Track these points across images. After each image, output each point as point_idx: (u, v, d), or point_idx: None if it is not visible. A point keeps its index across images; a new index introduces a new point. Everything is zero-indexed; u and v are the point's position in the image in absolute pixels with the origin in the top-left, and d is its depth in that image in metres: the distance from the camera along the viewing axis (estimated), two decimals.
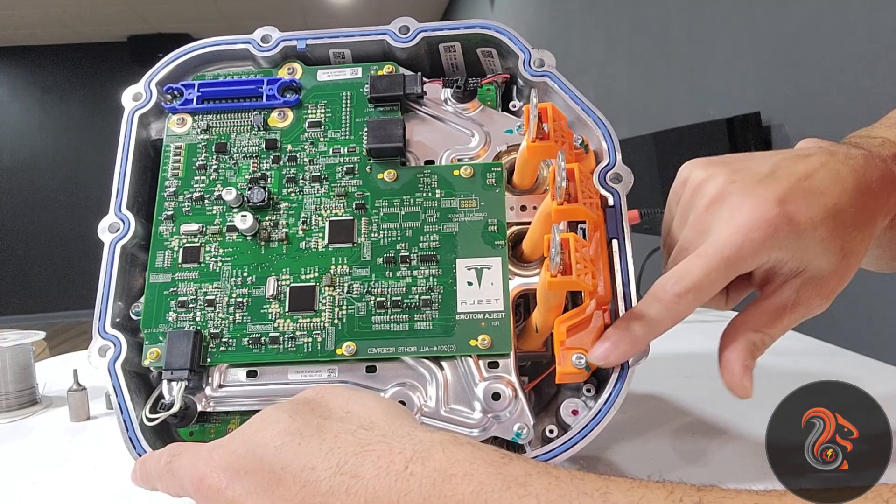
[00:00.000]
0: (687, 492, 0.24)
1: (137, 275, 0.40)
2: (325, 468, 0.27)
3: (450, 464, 0.27)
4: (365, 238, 0.38)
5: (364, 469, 0.27)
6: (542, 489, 0.25)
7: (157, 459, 0.33)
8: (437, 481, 0.26)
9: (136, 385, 0.37)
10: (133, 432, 0.35)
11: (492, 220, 0.38)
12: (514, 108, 0.43)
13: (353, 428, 0.30)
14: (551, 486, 0.25)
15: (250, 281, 0.38)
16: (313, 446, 0.28)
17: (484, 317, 0.37)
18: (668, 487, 0.25)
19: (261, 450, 0.29)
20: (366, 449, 0.28)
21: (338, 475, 0.27)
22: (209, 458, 0.31)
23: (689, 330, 0.54)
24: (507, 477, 0.26)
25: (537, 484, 0.25)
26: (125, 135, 0.41)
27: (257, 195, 0.39)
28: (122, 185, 0.40)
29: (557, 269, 0.31)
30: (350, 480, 0.27)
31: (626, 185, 0.38)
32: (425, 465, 0.27)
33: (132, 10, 4.47)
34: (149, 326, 0.38)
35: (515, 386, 0.36)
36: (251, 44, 0.42)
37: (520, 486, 0.25)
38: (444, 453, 0.27)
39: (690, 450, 0.40)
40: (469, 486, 0.25)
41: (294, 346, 0.37)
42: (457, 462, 0.27)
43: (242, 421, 0.37)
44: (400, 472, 0.27)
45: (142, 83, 0.42)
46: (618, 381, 0.35)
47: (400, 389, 0.36)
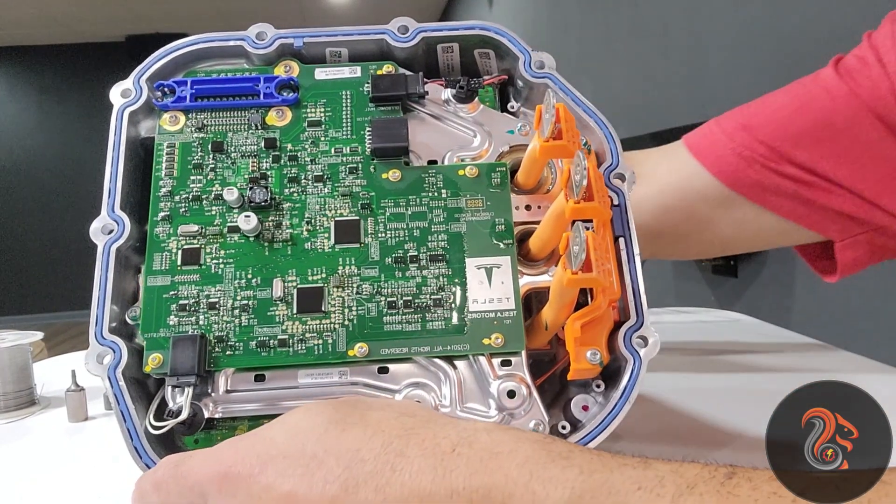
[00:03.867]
0: (717, 466, 0.25)
1: (130, 278, 0.39)
2: (370, 449, 0.27)
3: (495, 444, 0.27)
4: (372, 238, 0.38)
5: (409, 449, 0.27)
6: (584, 461, 0.26)
7: (153, 473, 0.32)
8: (484, 458, 0.27)
9: (136, 392, 0.36)
10: (138, 441, 0.34)
11: (499, 220, 0.39)
12: (513, 109, 0.43)
13: (396, 415, 0.30)
14: (593, 459, 0.26)
15: (255, 283, 0.37)
16: (357, 432, 0.28)
17: (496, 315, 0.37)
18: (700, 463, 0.26)
19: (302, 436, 0.29)
20: (410, 433, 0.28)
21: (382, 454, 0.27)
22: (234, 449, 0.30)
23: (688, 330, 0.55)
24: (552, 452, 0.27)
25: (580, 457, 0.26)
26: (115, 132, 0.39)
27: (260, 195, 0.38)
28: (115, 184, 0.38)
29: (580, 265, 0.32)
30: (395, 458, 0.27)
31: (629, 185, 0.39)
32: (472, 446, 0.27)
33: (130, 10, 4.45)
34: (149, 331, 0.36)
35: (529, 383, 0.36)
36: (246, 41, 0.41)
37: (563, 459, 0.26)
38: (489, 436, 0.28)
39: (689, 450, 0.41)
40: (515, 459, 0.26)
41: (304, 349, 0.36)
42: (502, 442, 0.27)
43: (251, 426, 0.36)
44: (447, 452, 0.27)
45: (131, 79, 0.41)
46: (632, 374, 0.35)
47: (415, 390, 0.36)
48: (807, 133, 0.54)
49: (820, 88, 0.55)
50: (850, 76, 0.53)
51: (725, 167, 0.57)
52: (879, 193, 0.52)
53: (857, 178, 0.53)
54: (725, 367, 0.55)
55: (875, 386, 0.29)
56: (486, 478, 0.26)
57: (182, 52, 0.41)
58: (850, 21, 1.10)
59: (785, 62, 1.33)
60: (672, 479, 0.24)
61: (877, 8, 0.54)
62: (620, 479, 0.25)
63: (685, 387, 0.51)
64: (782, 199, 0.55)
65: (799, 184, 0.54)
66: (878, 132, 0.52)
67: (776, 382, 0.35)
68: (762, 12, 1.39)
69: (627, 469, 0.25)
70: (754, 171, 0.55)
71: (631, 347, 0.36)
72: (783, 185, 0.55)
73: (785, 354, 0.47)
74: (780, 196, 0.55)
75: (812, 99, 0.55)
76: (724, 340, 0.63)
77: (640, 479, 0.24)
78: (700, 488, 0.24)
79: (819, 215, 0.55)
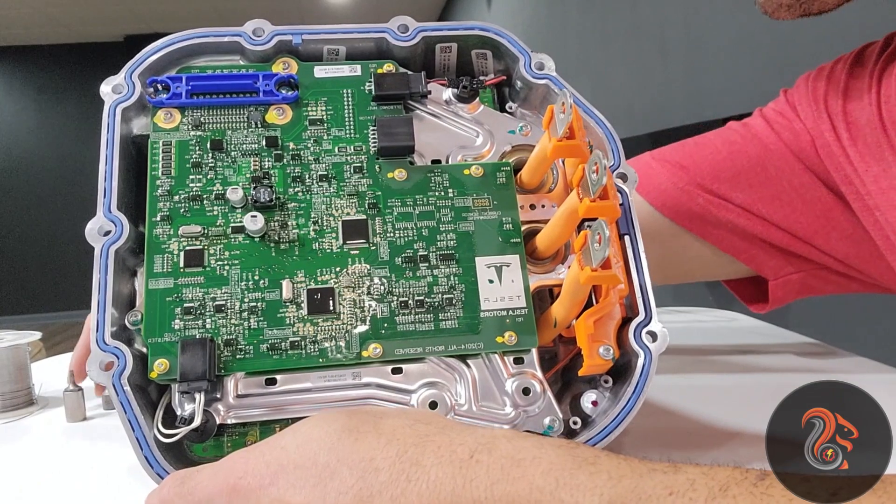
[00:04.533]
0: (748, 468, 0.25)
1: (126, 281, 0.37)
2: (384, 458, 0.26)
3: (517, 451, 0.26)
4: (381, 238, 0.38)
5: (425, 458, 0.26)
6: (612, 466, 0.25)
7: (159, 491, 0.31)
8: (506, 466, 0.26)
9: (140, 399, 0.34)
10: (149, 450, 0.33)
11: (506, 219, 0.39)
12: (511, 109, 0.44)
13: (411, 423, 0.29)
14: (621, 464, 0.25)
15: (263, 284, 0.36)
16: (371, 441, 0.27)
17: (508, 314, 0.37)
18: (729, 466, 0.26)
19: (314, 445, 0.28)
20: (425, 440, 0.27)
21: (397, 463, 0.26)
22: (244, 461, 0.29)
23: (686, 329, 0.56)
24: (578, 458, 0.26)
25: (606, 462, 0.26)
26: (108, 130, 0.38)
27: (264, 195, 0.37)
28: (110, 183, 0.37)
29: (600, 263, 0.32)
30: (411, 468, 0.26)
31: (632, 184, 0.40)
32: (492, 453, 0.26)
33: (129, 10, 4.40)
34: (152, 336, 0.35)
35: (542, 379, 0.37)
36: (242, 36, 0.40)
37: (590, 465, 0.25)
38: (509, 443, 0.27)
39: (688, 450, 0.41)
40: (539, 467, 0.25)
41: (317, 350, 0.35)
42: (524, 449, 0.26)
43: (263, 431, 0.35)
44: (464, 460, 0.26)
45: (122, 74, 0.39)
46: (643, 369, 0.36)
47: (429, 390, 0.36)
48: (742, 176, 0.57)
49: (752, 135, 0.58)
50: (776, 126, 0.56)
51: (668, 200, 0.59)
52: (813, 234, 0.56)
53: (790, 220, 0.56)
54: (723, 366, 0.56)
55: (875, 386, 0.29)
56: (508, 487, 0.25)
57: (176, 46, 0.40)
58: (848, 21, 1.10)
59: (782, 63, 1.34)
60: (703, 482, 0.24)
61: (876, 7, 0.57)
62: (651, 483, 0.24)
63: (684, 387, 0.52)
64: (723, 231, 0.58)
65: (738, 219, 0.57)
66: (808, 177, 0.56)
67: (775, 382, 0.35)
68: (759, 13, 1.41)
69: (657, 474, 0.24)
70: (696, 204, 0.58)
71: (641, 342, 0.36)
72: (723, 218, 0.57)
73: (783, 354, 0.48)
74: (720, 229, 0.58)
75: (746, 145, 0.58)
76: (722, 340, 0.64)
77: (671, 483, 0.24)
78: (733, 490, 0.23)
79: (757, 249, 0.58)
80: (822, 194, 0.55)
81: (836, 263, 0.56)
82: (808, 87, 0.56)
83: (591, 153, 0.42)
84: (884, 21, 0.76)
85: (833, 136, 0.53)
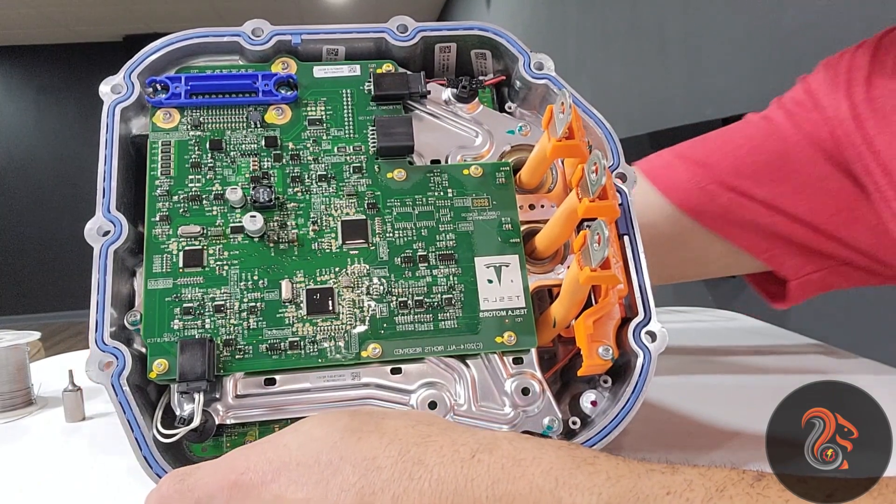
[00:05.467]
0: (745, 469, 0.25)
1: (125, 281, 0.37)
2: (387, 456, 0.27)
3: (518, 451, 0.27)
4: (380, 238, 0.38)
5: (428, 457, 0.27)
6: (610, 467, 0.26)
7: (158, 490, 0.30)
8: (507, 465, 0.26)
9: (139, 399, 0.34)
10: (148, 451, 0.33)
11: (505, 219, 0.39)
12: (510, 109, 0.44)
13: (413, 423, 0.29)
14: (619, 465, 0.26)
15: (262, 284, 0.36)
16: (373, 440, 0.28)
17: (507, 314, 0.37)
18: (727, 467, 0.26)
19: (317, 443, 0.28)
20: (427, 440, 0.28)
21: (399, 462, 0.26)
22: (245, 457, 0.29)
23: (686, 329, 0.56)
24: (577, 458, 0.26)
25: (605, 463, 0.26)
26: (108, 129, 0.38)
27: (264, 195, 0.37)
28: (109, 183, 0.37)
29: (599, 263, 0.32)
30: (413, 467, 0.26)
31: (631, 184, 0.40)
32: (493, 453, 0.27)
33: (128, 10, 4.41)
34: (151, 336, 0.35)
35: (541, 380, 0.37)
36: (241, 36, 0.40)
37: (589, 465, 0.26)
38: (510, 444, 0.27)
39: (687, 450, 0.41)
40: (539, 467, 0.26)
41: (316, 350, 0.35)
42: (525, 449, 0.27)
43: (262, 431, 0.35)
44: (466, 459, 0.26)
45: (121, 74, 0.39)
46: (643, 368, 0.36)
47: (429, 390, 0.36)
48: (764, 171, 0.56)
49: (772, 129, 0.57)
50: (795, 118, 0.56)
51: (690, 199, 0.58)
52: (837, 227, 0.55)
53: (814, 213, 0.55)
54: (723, 366, 0.56)
55: (875, 386, 0.29)
56: (509, 486, 0.25)
57: (175, 47, 0.40)
58: (847, 21, 1.10)
59: (782, 62, 1.34)
60: (701, 483, 0.24)
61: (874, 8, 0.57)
62: (648, 484, 0.24)
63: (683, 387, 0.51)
64: (744, 230, 0.58)
65: (761, 217, 0.56)
66: (828, 169, 0.55)
67: (775, 382, 0.35)
68: (759, 13, 1.40)
69: (655, 474, 0.25)
70: (718, 204, 0.57)
71: (640, 342, 0.36)
72: (746, 217, 0.57)
73: (783, 354, 0.48)
74: (742, 228, 0.58)
75: (766, 139, 0.57)
76: (721, 340, 0.64)
77: (669, 483, 0.24)
78: (729, 491, 0.23)
79: (777, 249, 0.57)
80: (844, 185, 0.54)
81: (860, 258, 0.55)
82: (829, 74, 0.55)
83: (590, 153, 0.42)
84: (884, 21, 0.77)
85: (854, 124, 0.51)
